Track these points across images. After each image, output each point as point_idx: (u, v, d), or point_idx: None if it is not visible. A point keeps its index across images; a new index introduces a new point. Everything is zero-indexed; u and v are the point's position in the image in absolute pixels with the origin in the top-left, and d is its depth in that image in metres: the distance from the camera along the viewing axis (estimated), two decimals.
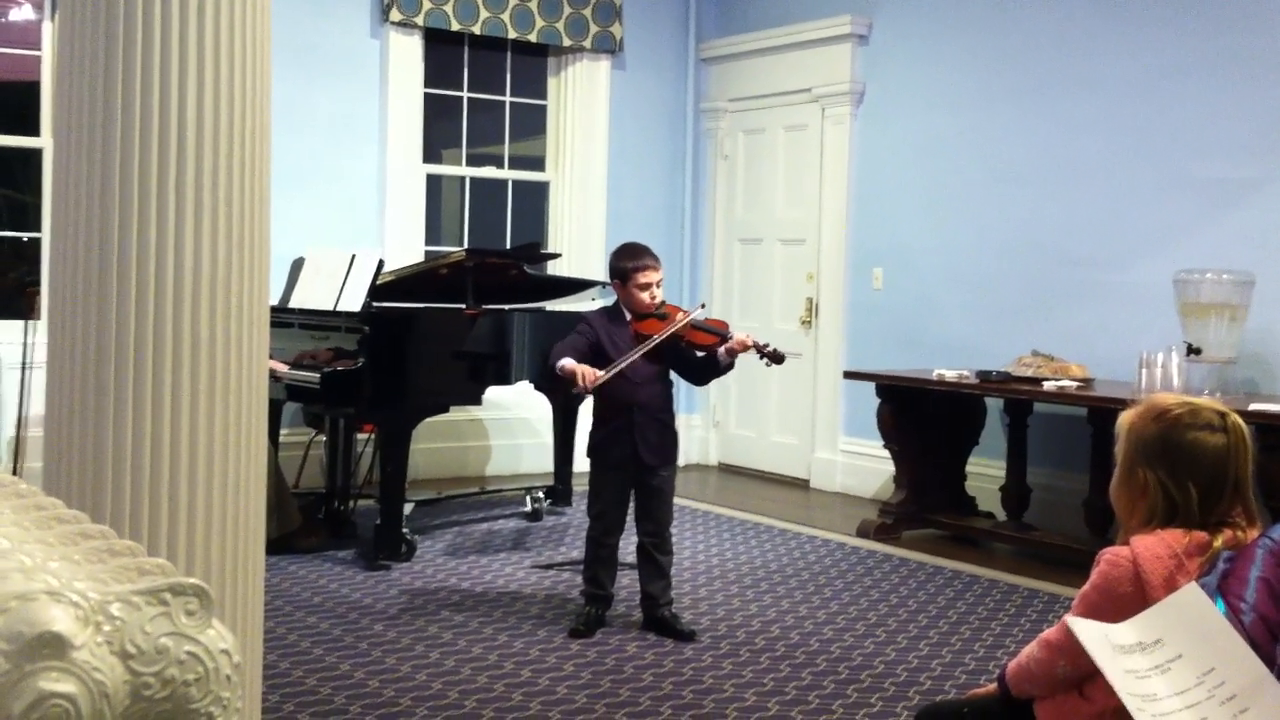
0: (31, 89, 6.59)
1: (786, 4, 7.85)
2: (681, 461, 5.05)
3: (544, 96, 8.06)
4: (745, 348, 4.44)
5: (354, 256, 5.87)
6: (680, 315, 4.50)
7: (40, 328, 4.17)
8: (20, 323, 6.17)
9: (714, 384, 7.36)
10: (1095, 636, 2.06)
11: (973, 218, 6.86)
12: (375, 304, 5.75)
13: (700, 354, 4.56)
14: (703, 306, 4.88)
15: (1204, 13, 5.90)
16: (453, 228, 7.89)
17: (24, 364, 5.43)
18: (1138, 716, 1.93)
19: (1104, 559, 2.32)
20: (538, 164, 8.10)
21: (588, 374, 4.32)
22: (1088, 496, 5.70)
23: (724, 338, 4.48)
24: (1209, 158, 5.88)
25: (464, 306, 5.76)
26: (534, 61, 8.00)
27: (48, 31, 6.49)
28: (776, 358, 4.48)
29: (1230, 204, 5.81)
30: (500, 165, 7.97)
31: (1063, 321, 6.37)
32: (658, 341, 4.42)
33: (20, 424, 5.81)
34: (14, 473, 5.73)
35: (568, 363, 4.39)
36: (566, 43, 7.79)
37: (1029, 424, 6.16)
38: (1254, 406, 4.87)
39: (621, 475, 4.55)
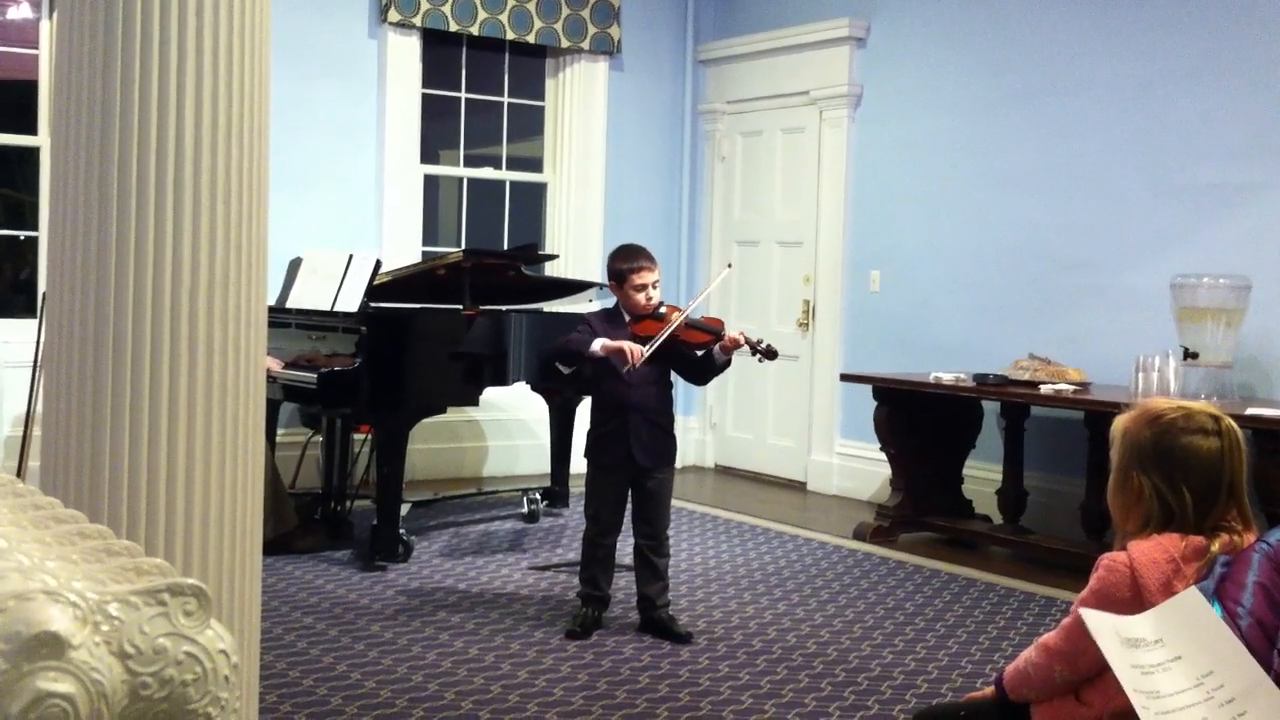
0: (29, 87, 6.59)
1: (784, 6, 7.86)
2: (678, 464, 5.05)
3: (542, 97, 8.05)
4: (737, 345, 4.47)
5: (351, 257, 5.87)
6: (676, 315, 4.51)
7: None
8: (26, 321, 6.17)
9: (711, 386, 7.37)
10: (1105, 629, 2.07)
11: (970, 221, 6.86)
12: (372, 304, 5.75)
13: (699, 353, 4.58)
14: (729, 266, 4.92)
15: (1200, 18, 5.91)
16: (450, 228, 7.89)
17: (35, 363, 5.43)
18: (1142, 714, 1.94)
19: (1102, 565, 2.32)
20: (535, 165, 8.10)
21: (635, 350, 4.33)
22: (1084, 500, 5.71)
23: (718, 336, 4.50)
24: (1205, 162, 5.88)
25: (461, 307, 5.76)
26: (532, 62, 7.99)
27: (45, 30, 6.48)
28: (769, 353, 4.51)
29: (1226, 209, 5.82)
30: (498, 166, 7.97)
31: (1059, 325, 6.37)
32: (673, 329, 4.43)
33: (28, 422, 5.81)
34: (18, 472, 5.73)
35: (606, 342, 4.39)
36: (564, 44, 7.79)
37: (1026, 427, 6.16)
38: (1250, 411, 4.87)
39: (617, 476, 4.55)
